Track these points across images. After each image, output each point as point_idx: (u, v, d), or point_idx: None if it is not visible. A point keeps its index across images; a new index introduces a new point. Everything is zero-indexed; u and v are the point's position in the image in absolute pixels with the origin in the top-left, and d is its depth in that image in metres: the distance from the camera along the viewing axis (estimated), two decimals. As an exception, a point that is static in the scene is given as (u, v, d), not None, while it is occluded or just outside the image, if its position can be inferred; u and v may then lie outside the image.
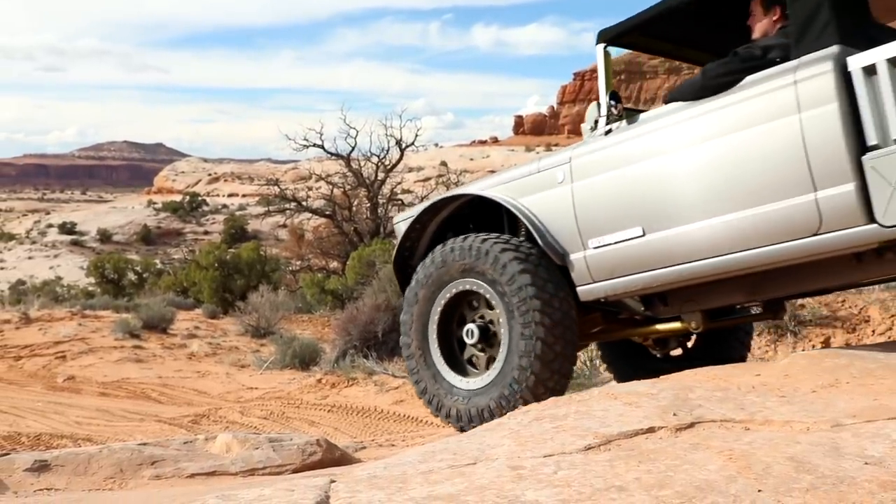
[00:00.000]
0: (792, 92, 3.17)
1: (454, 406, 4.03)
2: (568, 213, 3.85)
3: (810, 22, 3.23)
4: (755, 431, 2.24)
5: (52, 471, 3.06)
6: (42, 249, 70.13)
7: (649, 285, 3.67)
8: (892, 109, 2.98)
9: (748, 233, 3.30)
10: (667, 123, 3.58)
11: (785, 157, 3.17)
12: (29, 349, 14.93)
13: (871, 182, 3.00)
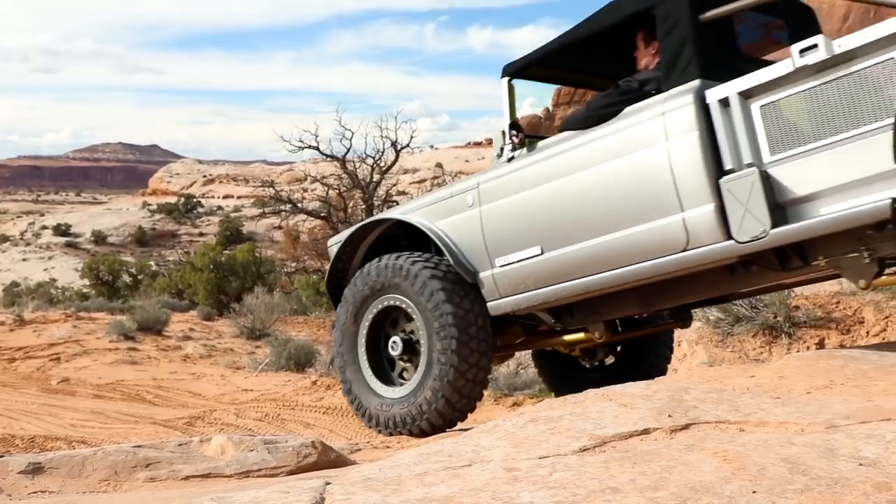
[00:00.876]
0: (661, 122, 3.50)
1: (381, 414, 4.36)
2: (477, 235, 4.17)
3: (676, 58, 3.54)
4: (750, 433, 2.25)
5: (47, 473, 3.05)
6: (36, 251, 69.97)
7: (549, 299, 4.00)
8: (743, 137, 3.30)
9: (629, 250, 3.64)
10: (559, 151, 3.90)
11: (657, 181, 3.50)
12: (23, 351, 14.89)
13: (727, 202, 3.33)
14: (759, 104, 3.32)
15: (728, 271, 3.63)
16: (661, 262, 3.57)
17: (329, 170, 29.81)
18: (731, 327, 7.81)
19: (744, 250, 3.36)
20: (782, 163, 3.27)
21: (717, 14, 3.55)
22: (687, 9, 3.56)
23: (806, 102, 3.21)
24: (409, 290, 4.22)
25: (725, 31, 3.68)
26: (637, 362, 5.06)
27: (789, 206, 3.29)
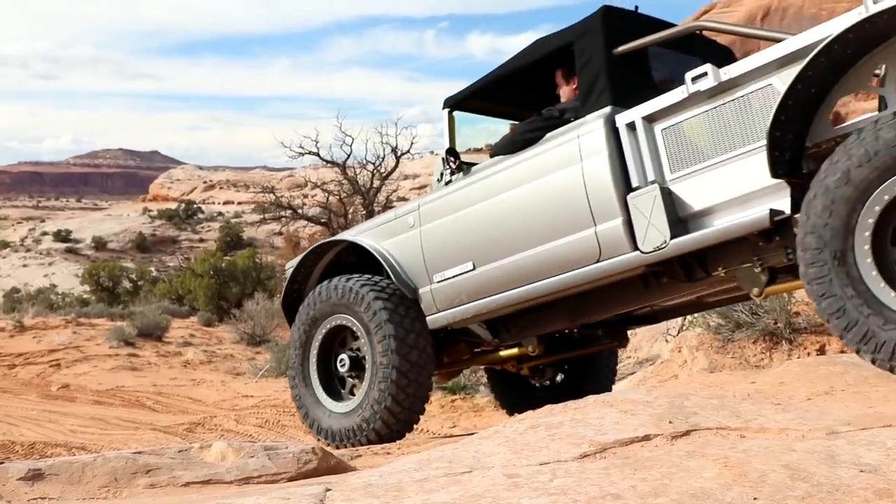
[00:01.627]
0: (576, 144, 3.83)
1: (329, 427, 4.62)
2: (417, 253, 4.49)
3: (592, 87, 3.91)
4: (751, 439, 2.24)
5: (46, 480, 3.05)
6: (37, 257, 69.96)
7: (480, 312, 4.29)
8: (647, 157, 3.63)
9: (549, 263, 3.93)
10: (488, 174, 4.25)
11: (573, 198, 3.81)
12: (23, 357, 14.89)
13: (634, 216, 3.63)
14: (661, 127, 3.64)
15: (643, 284, 3.92)
16: (578, 273, 3.86)
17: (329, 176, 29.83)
18: (732, 333, 7.80)
19: (648, 260, 3.65)
20: (681, 180, 3.59)
21: (628, 48, 3.92)
22: (601, 44, 3.93)
23: (700, 125, 3.53)
24: (355, 310, 4.53)
25: (639, 65, 4.01)
26: (582, 382, 5.26)
27: (690, 220, 3.59)
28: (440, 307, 4.41)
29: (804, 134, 3.20)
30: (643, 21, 4.17)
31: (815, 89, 3.14)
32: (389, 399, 4.37)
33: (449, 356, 4.83)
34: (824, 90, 3.17)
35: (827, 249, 2.88)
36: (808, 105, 3.18)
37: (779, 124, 3.13)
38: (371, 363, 4.46)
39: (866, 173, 2.81)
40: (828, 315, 2.91)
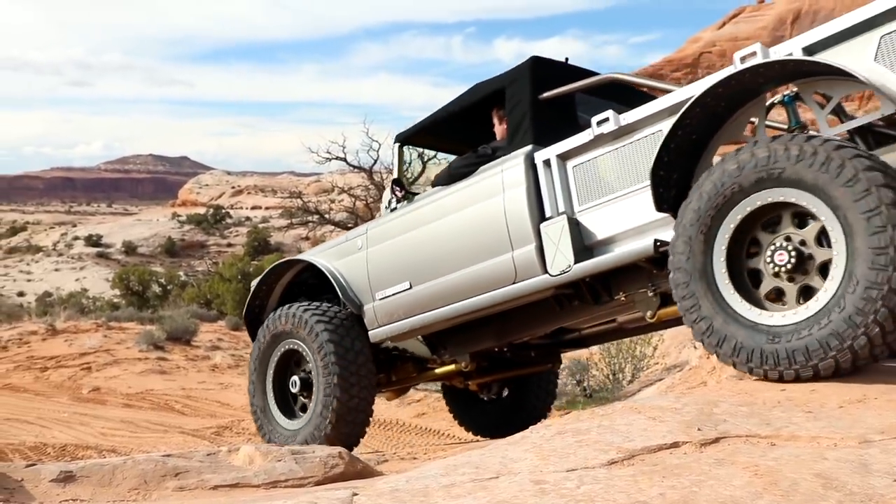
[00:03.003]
0: (500, 178, 4.28)
1: (282, 442, 4.85)
2: (363, 273, 4.95)
3: (518, 127, 4.37)
4: (781, 447, 2.21)
5: (78, 482, 3.09)
6: (68, 261, 70.88)
7: (414, 327, 4.71)
8: (559, 190, 4.08)
9: (474, 283, 4.36)
10: (426, 202, 4.71)
11: (495, 225, 4.26)
12: (55, 360, 15.09)
13: (545, 243, 4.07)
14: (573, 164, 4.08)
15: (557, 306, 4.36)
16: (497, 293, 4.30)
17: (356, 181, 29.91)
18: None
19: (556, 282, 4.08)
20: (588, 211, 4.03)
21: (552, 94, 4.37)
22: (528, 90, 4.39)
23: (604, 163, 3.97)
24: (303, 336, 4.98)
25: (565, 108, 4.42)
26: (524, 397, 5.71)
27: (595, 247, 4.02)
28: (381, 322, 4.86)
29: (691, 174, 3.59)
30: (571, 71, 4.62)
31: (695, 136, 3.57)
32: (333, 415, 4.76)
33: (397, 374, 5.31)
34: (706, 136, 3.59)
35: (692, 274, 3.27)
36: (691, 149, 3.58)
37: (662, 165, 3.54)
38: (317, 383, 4.89)
39: (715, 204, 3.22)
40: (700, 335, 3.26)
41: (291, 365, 5.19)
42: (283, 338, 5.12)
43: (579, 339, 5.20)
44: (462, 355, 4.91)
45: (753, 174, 3.13)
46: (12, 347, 16.04)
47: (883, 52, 3.13)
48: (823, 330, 2.90)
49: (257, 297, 5.56)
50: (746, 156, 3.16)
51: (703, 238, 3.24)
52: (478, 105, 4.76)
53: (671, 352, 10.09)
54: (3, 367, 14.74)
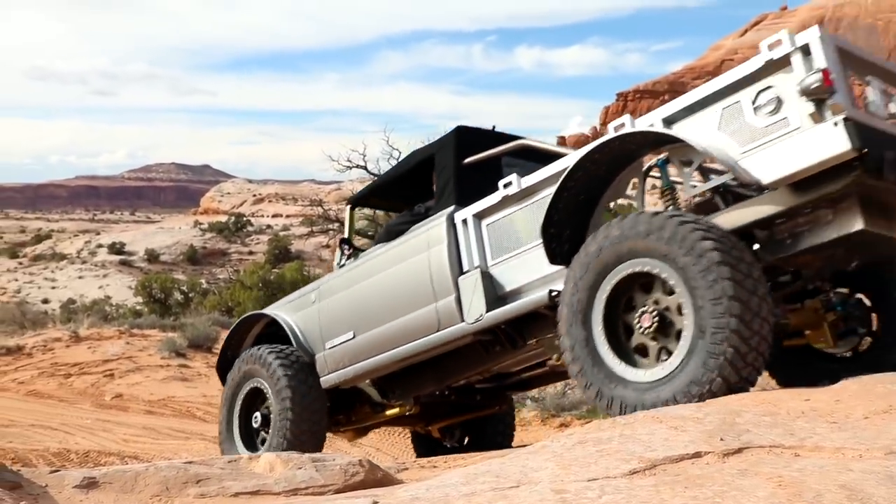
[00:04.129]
0: (426, 236, 4.75)
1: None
2: (315, 324, 5.44)
3: (443, 190, 4.83)
4: (805, 458, 2.19)
5: (101, 488, 3.11)
6: (92, 269, 71.55)
7: (359, 373, 5.14)
8: (474, 246, 4.50)
9: (406, 331, 4.78)
10: (367, 259, 5.21)
11: (422, 279, 4.69)
12: (78, 367, 15.21)
13: (462, 294, 4.49)
14: (486, 222, 4.51)
15: (483, 351, 4.71)
16: (425, 340, 4.69)
17: (376, 189, 29.96)
18: (785, 349, 7.63)
19: (472, 330, 4.47)
20: (499, 265, 4.42)
21: (474, 160, 4.80)
22: (452, 156, 4.85)
23: (511, 221, 4.38)
24: (264, 375, 5.44)
25: (489, 170, 4.74)
26: (483, 440, 6.05)
27: (508, 297, 4.38)
28: (330, 370, 5.31)
29: (585, 228, 3.95)
30: (494, 137, 5.10)
31: (583, 196, 3.97)
32: (286, 446, 5.13)
33: (355, 415, 5.76)
34: (594, 196, 4.01)
35: (575, 328, 3.66)
36: (582, 207, 3.98)
37: (552, 223, 3.94)
38: (274, 419, 5.34)
39: (596, 268, 3.61)
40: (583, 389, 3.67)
41: (257, 403, 5.65)
42: (250, 376, 5.61)
43: (522, 381, 5.50)
44: (407, 399, 5.31)
45: (617, 248, 3.55)
46: (37, 354, 16.19)
47: (724, 122, 3.55)
48: (684, 379, 3.28)
49: (229, 347, 6.12)
50: (612, 230, 3.59)
51: (583, 300, 3.65)
52: (415, 169, 5.27)
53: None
54: (28, 374, 14.88)
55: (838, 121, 3.18)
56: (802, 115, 3.29)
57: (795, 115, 3.32)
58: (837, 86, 3.24)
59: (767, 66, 3.43)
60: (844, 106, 3.22)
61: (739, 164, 3.43)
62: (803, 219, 3.49)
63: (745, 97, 3.50)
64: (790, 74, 3.35)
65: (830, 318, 4.12)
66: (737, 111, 3.52)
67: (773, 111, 3.39)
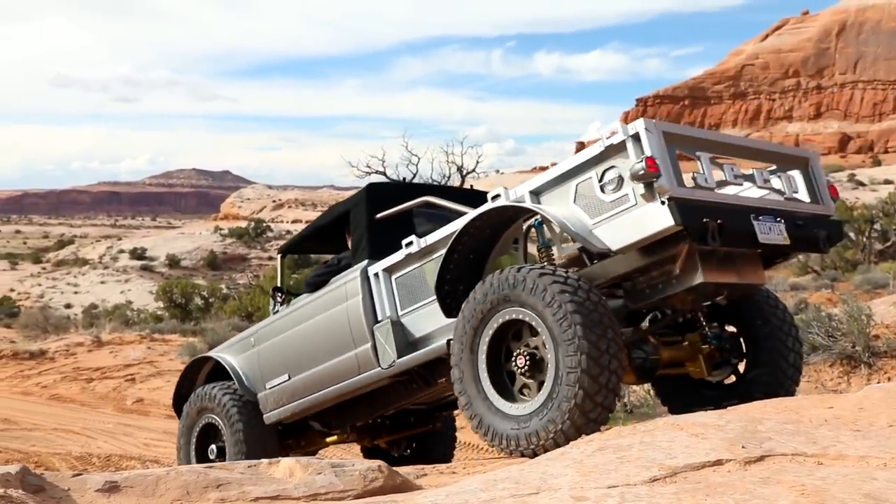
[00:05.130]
0: (343, 289, 5.18)
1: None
2: (255, 366, 5.89)
3: (358, 245, 5.27)
4: (828, 466, 2.17)
5: (122, 492, 3.13)
6: (114, 274, 72.14)
7: (295, 411, 5.59)
8: (385, 298, 4.92)
9: (332, 375, 5.25)
10: (294, 308, 5.66)
11: (342, 328, 5.14)
12: (100, 372, 15.34)
13: (377, 342, 4.93)
14: (395, 276, 4.92)
15: (404, 387, 5.16)
16: (349, 382, 5.17)
17: (395, 195, 30.02)
18: (807, 356, 7.55)
19: (387, 373, 4.94)
20: (407, 315, 4.85)
21: (386, 214, 5.15)
22: (364, 212, 5.26)
23: (415, 276, 4.80)
24: (218, 412, 5.89)
25: (403, 223, 5.11)
26: (426, 451, 6.45)
27: (418, 343, 4.80)
28: (271, 408, 5.75)
29: (478, 282, 4.26)
30: (407, 189, 5.68)
31: (473, 255, 4.45)
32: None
33: (305, 440, 6.21)
34: (485, 252, 4.50)
35: (464, 366, 4.18)
36: (473, 264, 4.47)
37: (444, 281, 4.42)
38: (229, 450, 5.80)
39: (479, 315, 4.12)
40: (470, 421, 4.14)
41: (211, 437, 6.06)
42: (203, 412, 6.08)
43: (450, 402, 5.78)
44: (344, 427, 5.85)
45: (492, 298, 4.07)
46: (59, 358, 16.35)
47: (578, 197, 4.04)
48: (547, 415, 3.79)
49: (182, 386, 6.59)
50: (489, 282, 4.10)
51: (470, 343, 4.17)
52: (334, 223, 5.77)
53: (713, 368, 9.93)
54: (51, 378, 15.03)
55: (664, 200, 3.72)
56: (637, 194, 3.81)
57: (632, 194, 3.83)
58: (662, 169, 3.72)
59: (609, 150, 3.92)
60: (668, 187, 3.72)
61: (591, 234, 3.96)
62: (656, 273, 4.10)
63: (594, 175, 3.99)
64: (627, 158, 3.84)
65: (706, 350, 4.61)
66: (588, 187, 4.02)
67: (616, 188, 3.90)
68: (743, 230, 3.96)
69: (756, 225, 4.00)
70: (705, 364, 4.60)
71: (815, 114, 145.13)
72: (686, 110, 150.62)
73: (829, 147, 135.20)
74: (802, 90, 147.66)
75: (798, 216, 4.26)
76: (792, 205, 4.32)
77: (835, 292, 18.93)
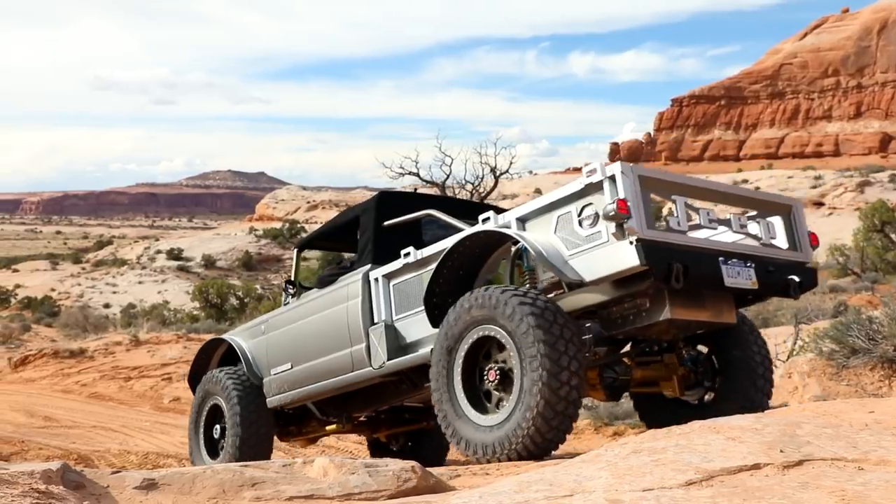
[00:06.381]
0: (346, 290, 5.52)
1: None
2: (263, 352, 6.28)
3: (364, 249, 5.60)
4: (869, 472, 2.13)
5: (160, 489, 3.17)
6: (151, 274, 73.04)
7: (295, 399, 5.98)
8: (383, 303, 5.24)
9: (329, 369, 5.60)
10: (304, 302, 6.01)
11: (342, 326, 5.48)
12: (138, 371, 15.55)
13: (371, 343, 5.26)
14: (394, 283, 5.24)
15: (395, 386, 5.49)
16: (342, 378, 5.51)
17: (429, 196, 30.02)
18: (847, 360, 7.43)
19: (378, 374, 5.27)
20: (401, 320, 5.17)
21: (393, 223, 5.53)
22: (373, 219, 5.59)
23: (411, 284, 5.10)
24: (222, 395, 6.28)
25: (410, 230, 5.50)
26: (421, 447, 6.79)
27: (409, 348, 5.12)
28: (273, 393, 6.13)
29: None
30: (418, 199, 5.94)
31: (462, 271, 4.78)
32: (238, 456, 5.94)
33: (305, 427, 6.56)
34: (474, 270, 4.82)
35: (441, 377, 4.52)
36: (462, 279, 4.78)
37: (433, 294, 4.74)
38: (228, 431, 6.18)
39: (455, 331, 4.47)
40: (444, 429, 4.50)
41: (217, 417, 6.45)
42: (209, 396, 6.46)
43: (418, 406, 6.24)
44: (340, 417, 6.16)
45: (468, 317, 4.40)
46: (98, 357, 16.61)
47: (559, 228, 4.33)
48: (512, 426, 4.11)
49: (196, 366, 6.97)
50: (465, 302, 4.43)
51: (447, 357, 4.49)
52: (346, 225, 6.13)
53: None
54: (90, 377, 15.28)
55: (633, 240, 3.97)
56: (609, 232, 4.07)
57: (605, 231, 4.10)
58: (633, 212, 3.98)
59: (589, 188, 4.19)
60: (637, 229, 3.98)
61: (566, 264, 4.25)
62: (628, 305, 4.38)
63: (574, 209, 4.27)
64: (603, 197, 4.10)
65: (681, 371, 4.94)
66: (568, 220, 4.30)
67: (592, 224, 4.17)
68: (709, 273, 4.20)
69: (724, 269, 4.24)
70: (679, 384, 4.93)
71: (855, 113, 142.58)
72: (722, 110, 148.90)
73: (870, 147, 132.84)
74: (842, 89, 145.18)
75: (771, 262, 4.48)
76: (767, 250, 4.54)
77: (875, 294, 18.60)
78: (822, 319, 11.76)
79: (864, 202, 53.75)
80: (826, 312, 13.47)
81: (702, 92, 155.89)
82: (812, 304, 14.40)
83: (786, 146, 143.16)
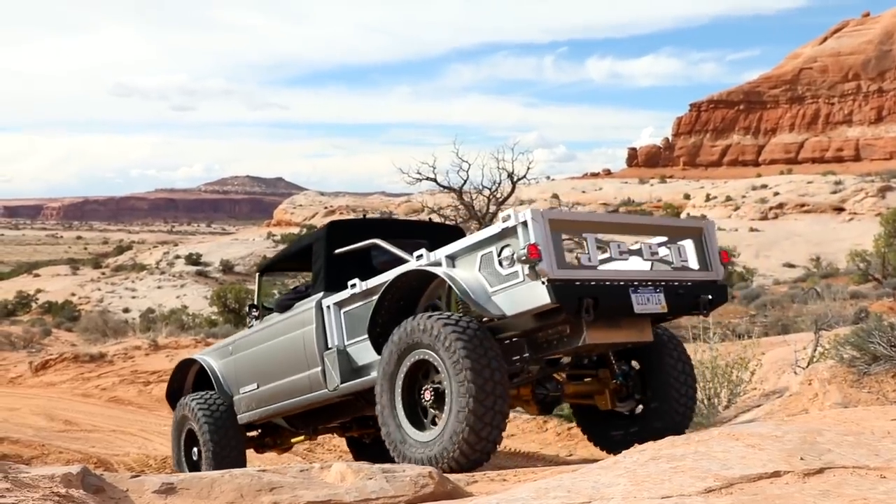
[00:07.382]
0: (301, 317, 5.94)
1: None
2: (233, 372, 6.76)
3: (317, 276, 6.02)
4: (892, 480, 2.11)
5: (178, 493, 3.19)
6: (170, 279, 73.52)
7: (262, 416, 6.51)
8: (336, 329, 5.64)
9: (290, 389, 6.06)
10: (265, 326, 6.49)
11: (299, 350, 5.93)
12: (157, 375, 15.61)
13: (326, 366, 5.70)
14: (344, 310, 5.63)
15: (352, 404, 5.96)
16: (303, 397, 5.98)
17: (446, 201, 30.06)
18: (868, 366, 7.32)
19: (333, 395, 5.71)
20: (352, 345, 5.56)
21: (343, 251, 5.89)
22: (324, 248, 6.00)
23: (360, 312, 5.43)
24: (193, 420, 6.72)
25: (360, 257, 5.87)
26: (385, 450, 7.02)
27: (360, 371, 5.51)
28: (242, 410, 6.60)
29: None
30: (368, 224, 6.39)
31: (402, 301, 5.14)
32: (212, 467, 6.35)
33: (278, 439, 7.09)
34: (415, 299, 5.18)
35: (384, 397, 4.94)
36: (404, 309, 5.13)
37: (376, 324, 5.14)
38: (204, 452, 6.65)
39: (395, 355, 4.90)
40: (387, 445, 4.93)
41: (194, 440, 6.87)
42: (186, 419, 6.90)
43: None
44: (307, 429, 6.66)
45: (407, 340, 4.81)
46: (118, 362, 16.70)
47: (483, 266, 4.73)
48: (443, 442, 4.52)
49: (173, 383, 7.46)
50: (404, 327, 4.82)
51: (389, 380, 4.92)
52: (300, 253, 6.65)
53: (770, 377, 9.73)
54: (110, 381, 15.38)
55: (544, 281, 4.39)
56: (524, 273, 4.47)
57: (520, 271, 4.50)
58: (544, 255, 4.36)
59: (506, 231, 4.59)
60: (548, 270, 4.38)
61: (490, 300, 4.64)
62: (552, 331, 4.82)
63: (494, 250, 4.68)
64: (517, 241, 4.49)
65: (612, 385, 5.36)
66: (490, 259, 4.70)
67: (510, 264, 4.56)
68: (619, 302, 4.62)
69: (634, 297, 4.66)
70: (611, 398, 5.34)
71: (876, 118, 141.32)
72: (741, 115, 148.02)
73: (891, 151, 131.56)
74: (863, 94, 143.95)
75: (680, 284, 4.90)
76: (678, 273, 4.95)
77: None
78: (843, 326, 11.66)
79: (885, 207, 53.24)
80: (847, 319, 13.36)
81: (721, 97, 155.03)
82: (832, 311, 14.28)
83: (805, 151, 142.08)
